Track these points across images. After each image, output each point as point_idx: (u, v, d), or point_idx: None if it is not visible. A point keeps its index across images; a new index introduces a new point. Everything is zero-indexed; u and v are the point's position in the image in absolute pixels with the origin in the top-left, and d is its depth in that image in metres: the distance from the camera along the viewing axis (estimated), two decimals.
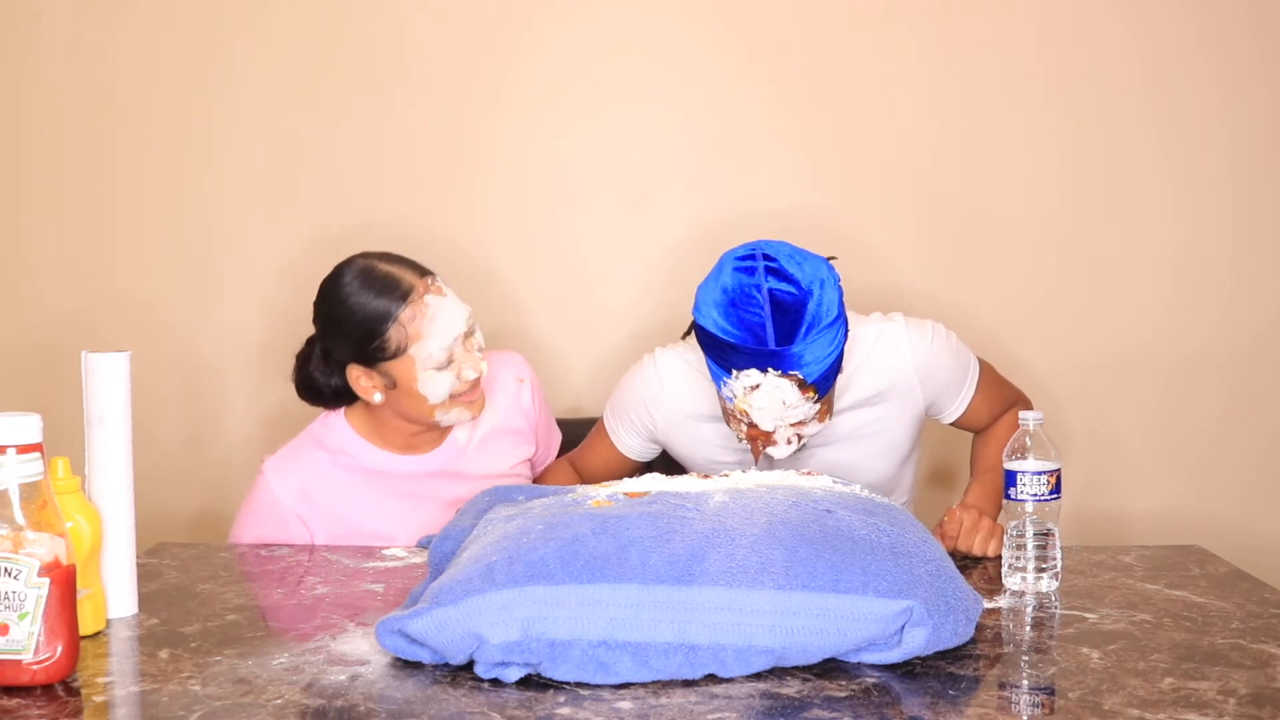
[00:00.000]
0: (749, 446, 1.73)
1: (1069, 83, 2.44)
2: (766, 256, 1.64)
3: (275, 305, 2.49)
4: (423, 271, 1.75)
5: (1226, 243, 2.45)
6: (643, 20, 2.46)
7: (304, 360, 1.84)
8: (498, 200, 2.49)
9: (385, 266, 1.74)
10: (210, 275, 2.50)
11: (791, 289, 1.61)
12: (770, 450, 1.69)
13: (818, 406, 1.66)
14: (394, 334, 1.70)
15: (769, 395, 1.62)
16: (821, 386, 1.63)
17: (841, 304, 1.65)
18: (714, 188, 2.48)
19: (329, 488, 1.80)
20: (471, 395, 1.78)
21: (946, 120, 2.45)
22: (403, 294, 1.71)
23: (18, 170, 2.51)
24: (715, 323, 1.63)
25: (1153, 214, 2.45)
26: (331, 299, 1.75)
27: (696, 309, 1.66)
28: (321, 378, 1.81)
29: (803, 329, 1.60)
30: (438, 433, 1.85)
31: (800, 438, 1.69)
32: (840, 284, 1.66)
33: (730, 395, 1.65)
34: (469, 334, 1.76)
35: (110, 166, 2.50)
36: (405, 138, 2.48)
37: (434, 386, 1.73)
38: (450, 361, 1.73)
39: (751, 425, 1.67)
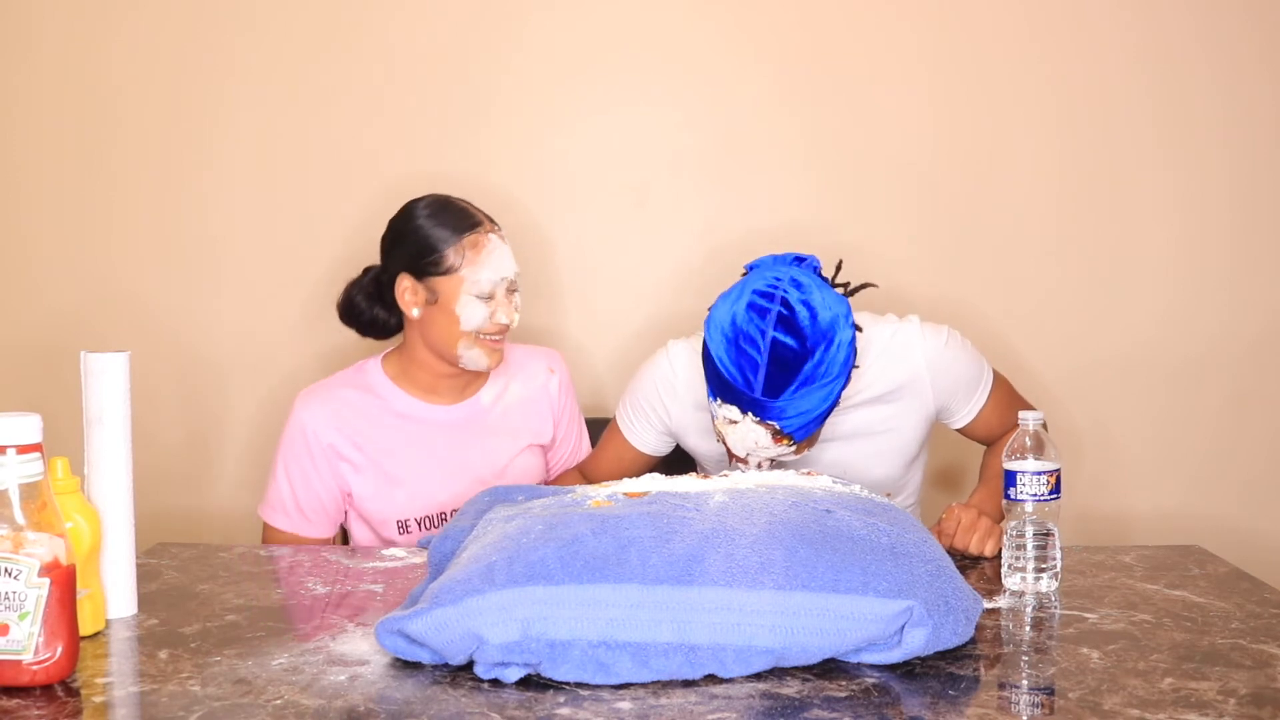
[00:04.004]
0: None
1: (1069, 83, 2.44)
2: (784, 302, 1.61)
3: (275, 305, 2.50)
4: (491, 220, 1.91)
5: (1226, 243, 2.46)
6: (644, 20, 2.46)
7: (353, 284, 1.96)
8: (498, 201, 2.48)
9: (460, 203, 1.91)
10: (210, 275, 2.50)
11: (795, 344, 1.60)
12: (741, 466, 1.71)
13: (794, 448, 1.67)
14: (452, 253, 1.85)
15: (742, 434, 1.64)
16: (800, 434, 1.64)
17: (848, 361, 1.63)
18: (716, 187, 2.48)
19: (357, 417, 1.91)
20: (495, 344, 1.89)
21: (947, 120, 2.45)
22: (471, 224, 1.87)
23: (17, 169, 2.51)
24: (716, 351, 1.64)
25: (1153, 214, 2.46)
26: (402, 217, 1.90)
27: (708, 320, 1.67)
28: (364, 302, 1.94)
29: (793, 386, 1.60)
30: (461, 383, 1.95)
31: (773, 462, 1.70)
32: (854, 341, 1.65)
33: (713, 414, 1.68)
34: (512, 289, 1.89)
35: (110, 165, 2.50)
36: (405, 138, 2.48)
37: (470, 312, 1.85)
38: (491, 298, 1.86)
39: (727, 446, 1.70)
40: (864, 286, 1.80)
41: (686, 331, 2.01)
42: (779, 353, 1.60)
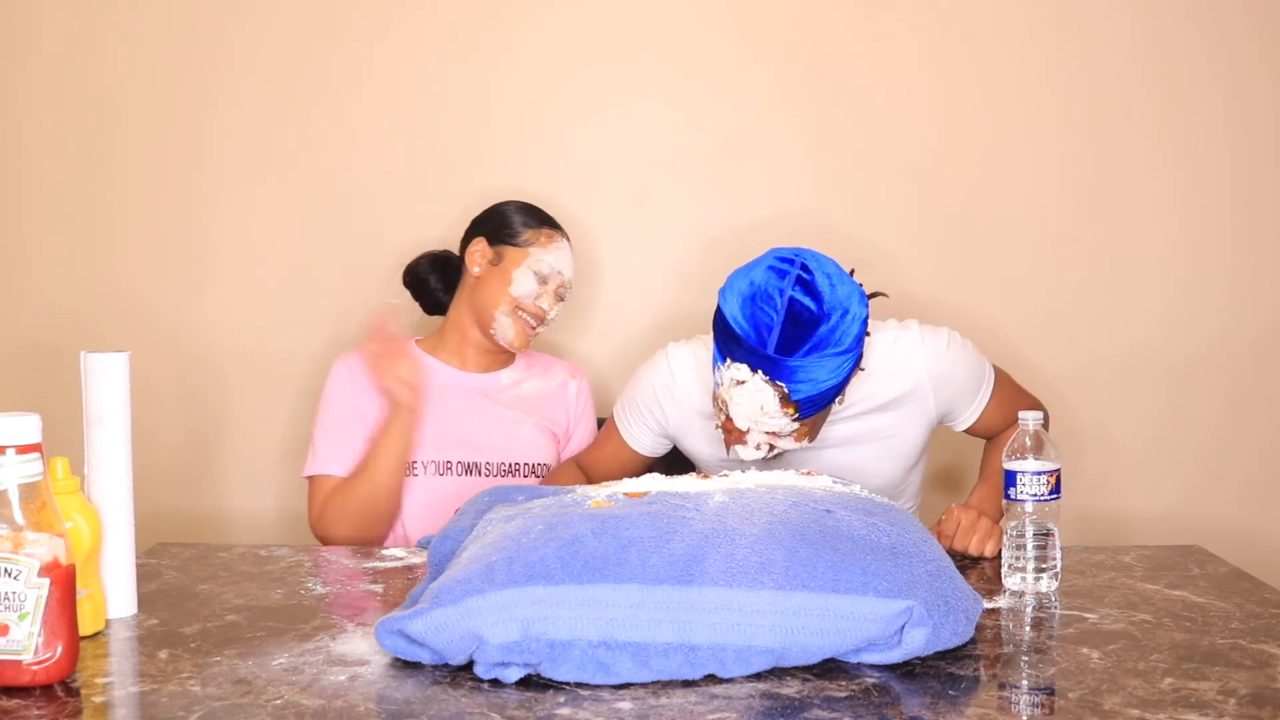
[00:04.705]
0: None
1: (1069, 83, 2.44)
2: (804, 267, 1.65)
3: (275, 305, 2.49)
4: (568, 237, 2.15)
5: (1226, 243, 2.45)
6: (644, 20, 2.46)
7: (428, 252, 2.18)
8: (498, 201, 2.48)
9: (548, 212, 2.14)
10: (210, 275, 2.50)
11: (812, 305, 1.62)
12: (738, 449, 1.69)
13: (796, 426, 1.66)
14: (529, 234, 2.08)
15: (749, 395, 1.63)
16: (805, 408, 1.63)
17: (860, 339, 1.64)
18: (716, 187, 2.48)
19: None
20: (528, 326, 2.07)
21: (947, 120, 2.45)
22: (552, 224, 2.11)
23: (18, 169, 2.51)
24: (730, 310, 1.64)
25: (1153, 214, 2.45)
26: (496, 205, 2.14)
27: (724, 288, 1.68)
28: (427, 265, 2.17)
29: (806, 346, 1.60)
30: (487, 359, 2.13)
31: (772, 447, 1.69)
32: (867, 321, 1.66)
33: (719, 381, 1.67)
34: (561, 292, 2.08)
35: (110, 166, 2.50)
36: (404, 138, 2.47)
37: (522, 282, 2.05)
38: (544, 282, 2.06)
39: (728, 418, 1.68)
40: (875, 295, 1.80)
41: (686, 332, 2.01)
42: (796, 311, 1.61)
